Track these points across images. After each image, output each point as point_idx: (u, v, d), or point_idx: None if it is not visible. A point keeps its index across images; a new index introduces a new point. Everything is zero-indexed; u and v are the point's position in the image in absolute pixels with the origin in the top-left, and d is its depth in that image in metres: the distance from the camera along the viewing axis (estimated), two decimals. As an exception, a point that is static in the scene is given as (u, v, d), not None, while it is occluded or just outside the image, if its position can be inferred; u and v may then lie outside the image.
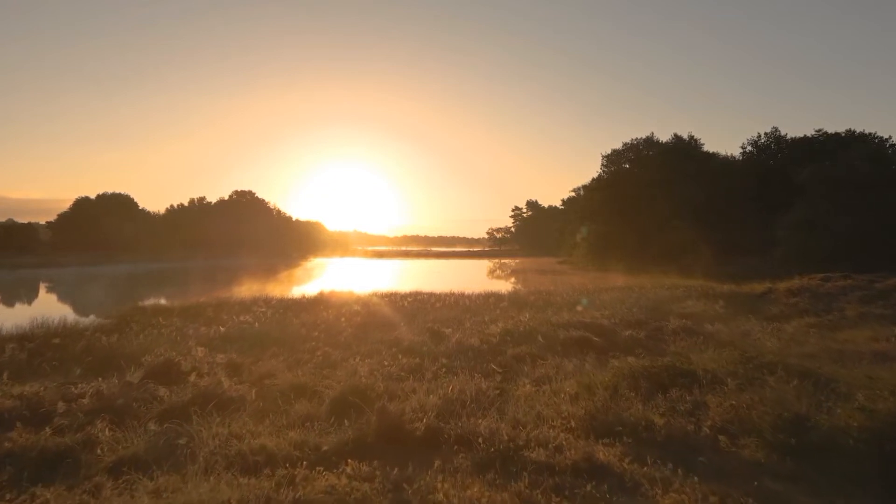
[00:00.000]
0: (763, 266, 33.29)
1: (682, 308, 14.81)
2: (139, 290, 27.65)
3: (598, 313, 13.01)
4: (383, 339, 10.04)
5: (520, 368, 7.66)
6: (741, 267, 33.90)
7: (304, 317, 12.46)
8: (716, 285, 20.82)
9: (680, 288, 19.32)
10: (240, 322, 11.62)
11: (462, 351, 8.86)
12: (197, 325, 11.48)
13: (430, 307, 14.48)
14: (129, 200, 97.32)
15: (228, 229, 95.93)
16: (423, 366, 7.63)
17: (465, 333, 10.27)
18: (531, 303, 15.48)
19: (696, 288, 19.54)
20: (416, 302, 15.43)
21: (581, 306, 35.47)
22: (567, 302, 15.61)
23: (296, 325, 11.39)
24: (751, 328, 11.63)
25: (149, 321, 11.48)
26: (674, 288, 19.56)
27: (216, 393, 6.06)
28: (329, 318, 12.22)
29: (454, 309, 14.15)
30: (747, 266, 34.12)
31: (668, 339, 10.45)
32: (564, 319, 11.70)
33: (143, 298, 19.65)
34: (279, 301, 15.18)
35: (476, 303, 15.31)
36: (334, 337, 10.37)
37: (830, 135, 41.05)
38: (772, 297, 18.38)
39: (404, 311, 13.79)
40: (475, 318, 12.69)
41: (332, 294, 18.35)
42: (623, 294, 17.64)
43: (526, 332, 10.19)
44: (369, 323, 12.02)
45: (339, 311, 13.63)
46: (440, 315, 13.00)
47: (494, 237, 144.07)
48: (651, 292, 18.31)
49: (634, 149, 48.15)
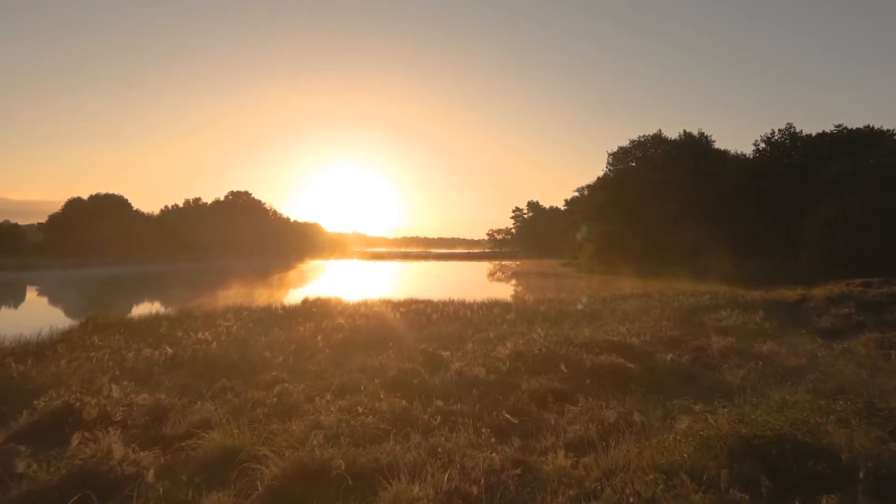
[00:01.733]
0: (785, 269, 31.32)
1: (716, 320, 12.84)
2: (111, 296, 25.68)
3: (623, 328, 11.04)
4: (366, 364, 8.07)
5: (542, 417, 5.68)
6: (760, 270, 31.92)
7: (276, 333, 10.48)
8: (742, 291, 18.85)
9: (705, 295, 17.34)
10: (195, 341, 9.64)
11: (463, 384, 6.89)
12: (143, 344, 9.49)
13: (427, 319, 12.51)
14: (122, 201, 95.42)
15: (224, 230, 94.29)
16: (411, 413, 5.65)
17: (468, 358, 8.29)
18: (542, 313, 13.50)
19: (723, 295, 17.56)
20: (411, 312, 13.46)
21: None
22: (584, 313, 13.62)
23: (262, 345, 9.41)
24: (812, 349, 9.64)
25: (82, 341, 9.49)
26: (698, 295, 17.58)
27: (99, 471, 4.08)
28: (305, 336, 10.25)
29: (454, 322, 12.17)
30: (767, 269, 32.14)
31: (718, 364, 8.47)
32: (586, 337, 9.73)
33: (109, 306, 17.68)
34: (253, 312, 13.20)
35: (479, 314, 13.34)
36: (305, 362, 8.40)
37: (852, 130, 39.05)
38: (810, 306, 16.40)
39: (396, 325, 11.81)
40: (478, 334, 10.72)
41: (318, 302, 16.38)
42: (644, 302, 15.67)
43: (542, 357, 8.21)
44: (352, 341, 10.04)
45: (319, 324, 11.68)
46: (437, 330, 11.03)
47: (495, 238, 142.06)
48: (674, 300, 16.34)
49: (642, 146, 46.18)
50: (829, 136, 39.66)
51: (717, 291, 18.87)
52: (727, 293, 17.93)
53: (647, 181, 41.87)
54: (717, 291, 18.84)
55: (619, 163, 46.61)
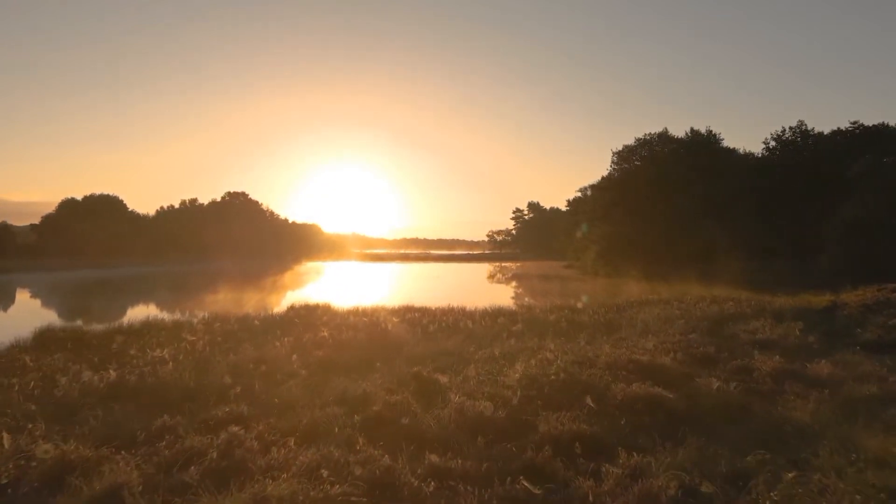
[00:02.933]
0: (801, 272, 29.86)
1: (749, 332, 11.41)
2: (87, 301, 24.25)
3: (648, 343, 9.60)
4: (346, 393, 6.62)
5: (572, 482, 4.22)
6: (774, 273, 30.47)
7: (247, 350, 9.02)
8: (767, 297, 17.43)
9: (728, 301, 15.89)
10: (148, 361, 8.20)
11: (465, 425, 5.45)
12: (86, 365, 8.05)
13: (422, 331, 11.06)
14: (117, 202, 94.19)
15: (220, 232, 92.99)
16: (394, 475, 4.20)
17: (469, 384, 6.85)
18: (552, 324, 12.05)
19: (747, 301, 16.13)
20: (405, 323, 12.01)
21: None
22: (600, 324, 12.17)
23: (226, 366, 7.96)
24: (873, 369, 8.19)
25: (12, 362, 8.04)
26: (720, 301, 16.13)
27: None
28: (279, 354, 8.80)
29: (453, 335, 10.72)
30: (781, 272, 30.69)
31: (772, 391, 7.03)
32: (608, 355, 8.30)
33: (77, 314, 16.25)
34: (227, 323, 11.75)
35: (481, 325, 11.90)
36: (273, 390, 6.94)
37: (868, 127, 37.63)
38: (844, 314, 14.95)
39: (387, 339, 10.37)
40: (481, 350, 9.27)
41: (303, 310, 14.96)
42: (663, 310, 14.22)
43: (560, 384, 6.78)
44: (334, 361, 8.60)
45: (300, 338, 10.25)
46: (434, 346, 9.57)
47: (495, 239, 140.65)
48: (695, 307, 14.90)
49: (647, 145, 44.70)
50: (845, 134, 38.21)
51: (739, 297, 17.42)
52: (752, 300, 16.50)
53: (654, 181, 40.40)
54: (740, 297, 17.38)
55: (624, 162, 45.14)
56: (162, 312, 16.31)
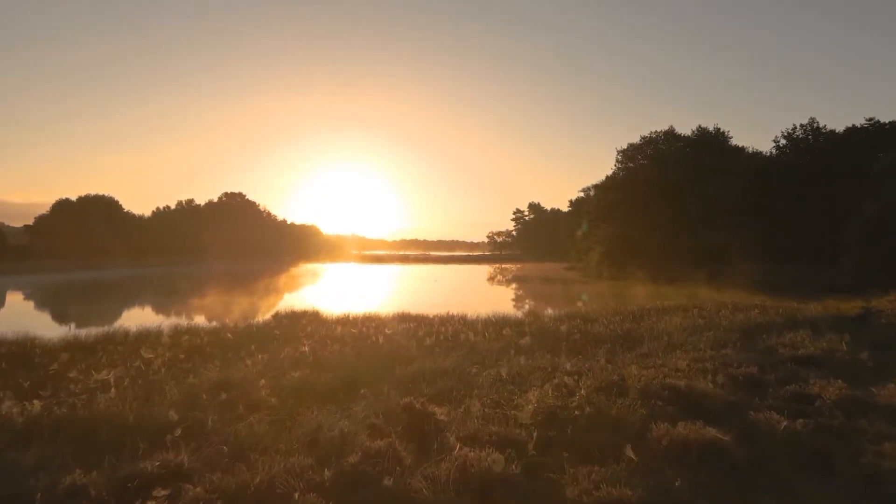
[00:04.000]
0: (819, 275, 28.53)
1: (788, 346, 10.07)
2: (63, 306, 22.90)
3: (680, 362, 8.28)
4: (318, 434, 5.30)
5: None
6: (789, 276, 29.16)
7: (210, 371, 7.68)
8: (794, 304, 16.11)
9: (753, 309, 14.56)
10: (88, 387, 6.88)
11: (468, 489, 4.12)
12: (13, 390, 6.72)
13: (418, 345, 9.72)
14: (112, 202, 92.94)
15: (217, 233, 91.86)
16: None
17: (473, 423, 5.50)
18: (564, 336, 10.71)
19: (774, 309, 14.81)
20: (399, 334, 10.68)
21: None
22: (619, 336, 10.82)
23: (179, 393, 6.63)
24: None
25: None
26: (744, 308, 14.80)
27: None
28: (248, 375, 7.45)
29: (452, 350, 9.38)
30: (799, 276, 29.36)
31: (845, 429, 5.69)
32: (637, 379, 6.99)
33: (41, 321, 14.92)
34: (197, 334, 10.40)
35: (484, 336, 10.54)
36: (228, 427, 5.60)
37: (884, 124, 36.21)
38: (882, 323, 13.69)
39: (378, 355, 9.04)
40: (486, 370, 7.93)
41: (288, 318, 13.69)
42: (684, 319, 12.88)
43: (587, 421, 5.46)
44: (311, 385, 7.26)
45: (277, 354, 8.93)
46: (431, 364, 8.22)
47: (495, 241, 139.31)
48: (719, 315, 13.58)
49: (653, 143, 43.37)
50: (861, 132, 36.80)
51: (763, 304, 16.09)
52: (779, 307, 15.17)
53: (660, 180, 39.05)
54: (764, 304, 16.05)
55: (629, 161, 43.77)
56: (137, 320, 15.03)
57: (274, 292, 29.38)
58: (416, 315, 14.10)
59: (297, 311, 14.91)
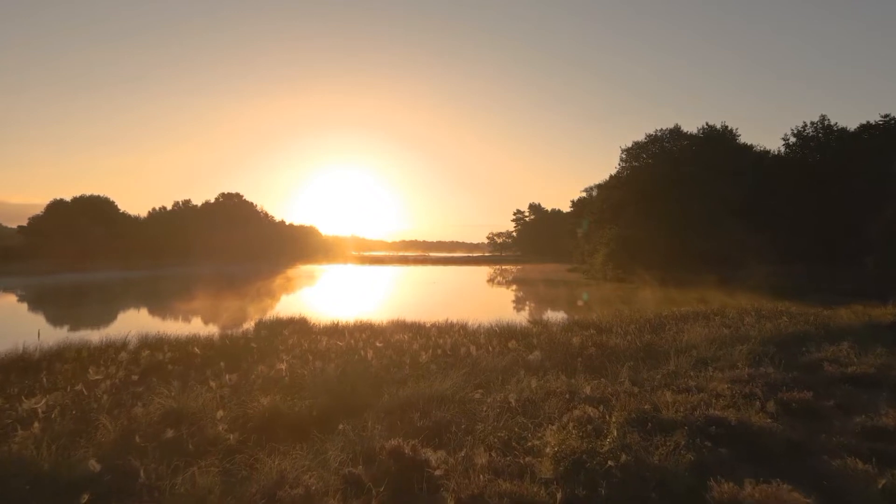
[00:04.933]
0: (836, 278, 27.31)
1: (831, 360, 8.86)
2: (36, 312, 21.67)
3: (719, 383, 7.07)
4: (280, 489, 4.11)
5: None
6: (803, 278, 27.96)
7: (162, 399, 6.45)
8: (824, 311, 14.91)
9: (781, 316, 13.33)
10: (16, 416, 5.68)
11: None
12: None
13: (411, 362, 8.50)
14: (107, 203, 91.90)
15: (214, 234, 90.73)
16: None
17: (478, 478, 4.29)
18: (578, 349, 9.50)
19: (802, 316, 13.61)
20: (391, 348, 9.46)
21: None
22: (640, 349, 9.60)
23: (117, 429, 5.41)
24: None
25: None
26: (770, 316, 13.58)
27: None
28: (207, 404, 6.24)
29: (451, 368, 8.15)
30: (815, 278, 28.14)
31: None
32: (675, 409, 5.81)
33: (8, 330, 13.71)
34: (159, 349, 9.17)
35: (487, 350, 9.32)
36: (162, 481, 4.39)
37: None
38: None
39: (365, 375, 7.82)
40: (491, 394, 6.72)
41: (272, 326, 12.50)
42: (707, 329, 11.66)
43: (624, 474, 4.25)
44: (281, 415, 6.05)
45: (248, 373, 7.74)
46: (426, 386, 7.00)
47: (495, 242, 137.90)
48: (743, 323, 12.39)
49: (658, 141, 42.14)
50: (875, 128, 35.61)
51: (789, 310, 14.86)
52: (808, 314, 13.97)
53: (666, 179, 37.83)
54: (790, 310, 14.83)
55: (633, 160, 42.52)
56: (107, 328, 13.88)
57: (265, 296, 28.13)
58: (412, 323, 12.89)
59: (283, 319, 13.71)
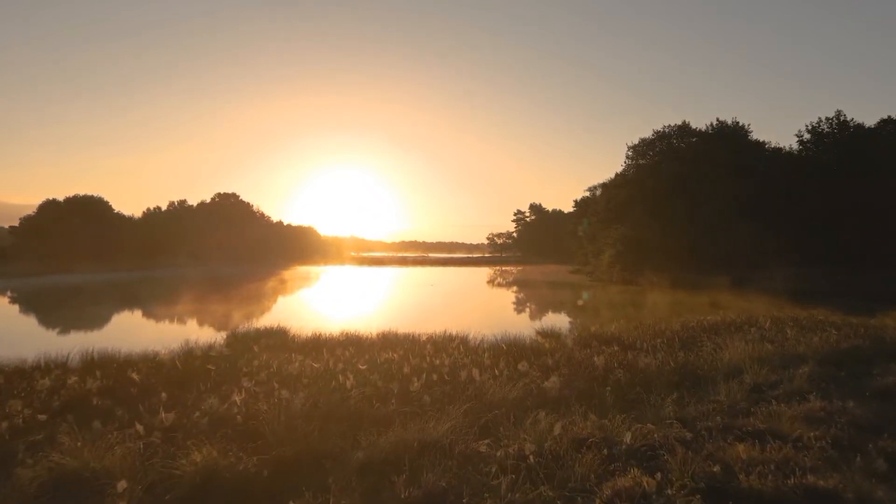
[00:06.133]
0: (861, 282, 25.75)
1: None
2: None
3: (795, 424, 5.48)
4: None
5: None
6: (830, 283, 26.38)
7: (63, 450, 4.85)
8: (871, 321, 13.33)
9: (828, 329, 11.71)
10: None
11: None
12: None
13: (401, 390, 6.89)
14: (101, 203, 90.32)
15: (209, 234, 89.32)
16: None
17: None
18: (601, 372, 7.88)
19: (848, 328, 12.02)
20: (378, 371, 7.85)
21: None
22: (674, 371, 7.97)
23: None
24: None
25: None
26: (815, 328, 11.98)
27: None
28: (111, 465, 4.62)
29: (449, 398, 6.55)
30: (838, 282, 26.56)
31: None
32: (746, 468, 4.21)
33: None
34: (92, 373, 7.54)
35: (493, 374, 7.69)
36: None
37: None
38: None
39: (338, 412, 6.20)
40: (502, 442, 5.12)
41: (245, 340, 10.90)
42: (746, 344, 10.05)
43: None
44: (211, 485, 4.44)
45: (192, 409, 6.14)
46: (416, 429, 5.39)
47: (495, 243, 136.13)
48: (791, 339, 10.78)
49: (666, 138, 40.55)
50: (892, 124, 34.05)
51: (829, 320, 13.27)
52: (854, 325, 12.37)
53: (675, 177, 36.22)
54: (834, 321, 13.23)
55: (640, 157, 40.93)
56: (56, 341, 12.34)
57: (251, 300, 26.47)
58: (405, 336, 11.29)
59: (259, 330, 12.13)
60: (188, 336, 11.58)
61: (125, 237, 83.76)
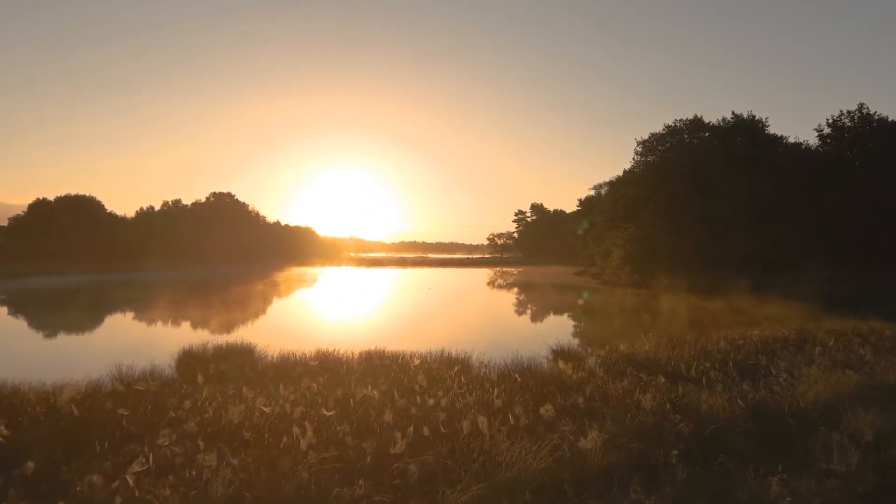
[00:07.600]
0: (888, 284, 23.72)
1: None
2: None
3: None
4: None
5: None
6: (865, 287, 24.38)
7: None
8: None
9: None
10: None
11: None
12: None
13: (377, 454, 4.84)
14: (93, 202, 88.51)
15: (204, 234, 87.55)
16: None
17: None
18: (653, 419, 5.84)
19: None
20: (347, 419, 5.82)
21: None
22: (753, 419, 5.91)
23: None
24: None
25: None
26: (882, 348, 9.95)
27: None
28: None
29: (445, 476, 4.49)
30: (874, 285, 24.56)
31: None
32: None
33: None
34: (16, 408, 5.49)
35: (508, 425, 5.65)
36: None
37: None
38: None
39: (283, 493, 4.16)
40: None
41: (197, 361, 8.88)
42: (825, 373, 8.03)
43: None
44: None
45: (106, 475, 4.07)
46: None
47: (495, 243, 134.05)
48: (872, 361, 8.75)
49: (677, 133, 38.53)
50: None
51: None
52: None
53: (687, 174, 34.19)
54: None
55: (649, 153, 38.92)
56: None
57: (232, 306, 24.37)
58: (393, 356, 9.28)
59: (221, 348, 10.14)
60: (130, 355, 9.58)
61: (118, 237, 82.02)
